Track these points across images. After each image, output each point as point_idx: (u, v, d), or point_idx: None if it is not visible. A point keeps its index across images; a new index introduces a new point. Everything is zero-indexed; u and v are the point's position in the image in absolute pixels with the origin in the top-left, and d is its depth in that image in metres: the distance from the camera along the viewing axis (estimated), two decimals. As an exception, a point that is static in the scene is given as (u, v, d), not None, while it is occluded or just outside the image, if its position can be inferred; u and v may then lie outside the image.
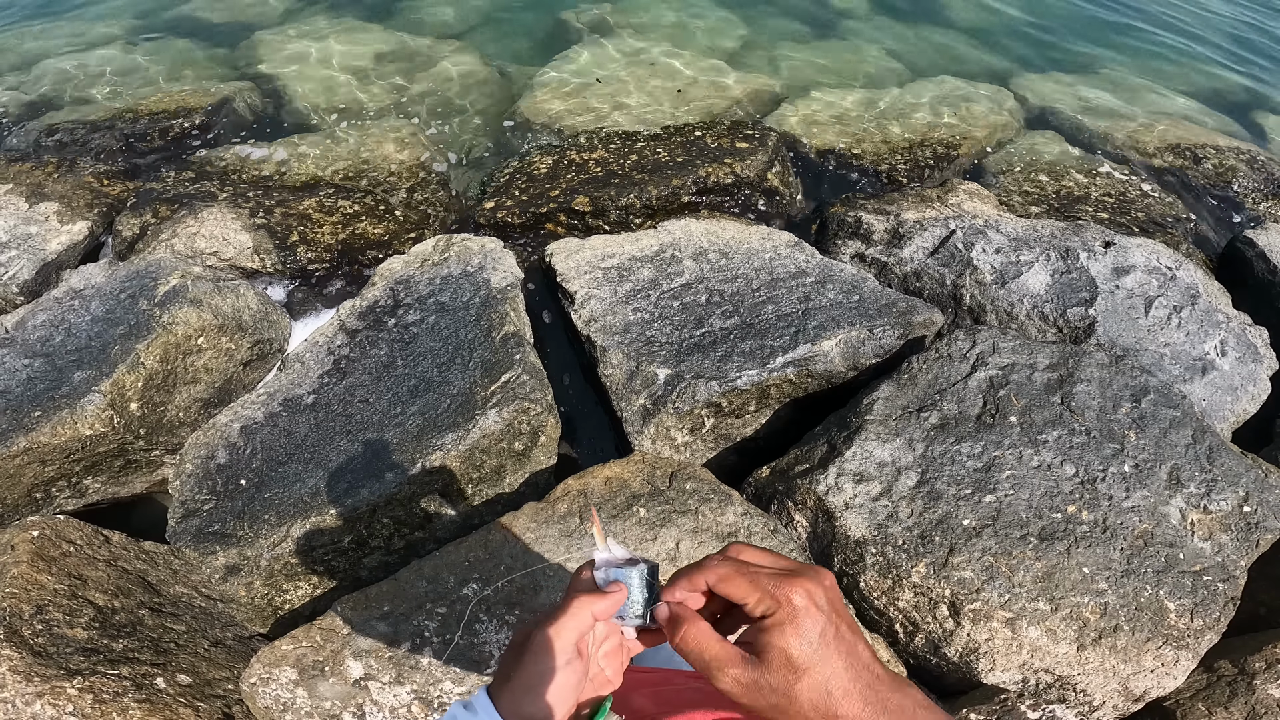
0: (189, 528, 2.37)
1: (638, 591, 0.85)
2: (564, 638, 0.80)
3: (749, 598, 0.72)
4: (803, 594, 0.70)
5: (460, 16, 6.09)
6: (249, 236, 3.68)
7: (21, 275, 3.53)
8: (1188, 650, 2.15)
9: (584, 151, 4.32)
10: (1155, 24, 7.37)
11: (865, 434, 2.49)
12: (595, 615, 0.82)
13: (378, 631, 2.04)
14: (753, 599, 0.71)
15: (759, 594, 0.71)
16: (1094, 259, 3.37)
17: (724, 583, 0.73)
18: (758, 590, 0.72)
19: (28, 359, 2.85)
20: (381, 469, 2.43)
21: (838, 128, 4.86)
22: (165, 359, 2.83)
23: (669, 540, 2.26)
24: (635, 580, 0.85)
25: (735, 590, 0.73)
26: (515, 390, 2.56)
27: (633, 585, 0.85)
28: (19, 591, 2.05)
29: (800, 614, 0.69)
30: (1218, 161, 5.10)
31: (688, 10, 6.37)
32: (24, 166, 4.17)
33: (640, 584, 0.86)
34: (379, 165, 4.31)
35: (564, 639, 0.80)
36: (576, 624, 0.81)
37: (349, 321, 3.05)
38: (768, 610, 0.70)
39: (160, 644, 2.14)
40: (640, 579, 0.86)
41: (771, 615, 0.70)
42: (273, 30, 5.75)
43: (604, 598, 0.82)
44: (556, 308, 3.31)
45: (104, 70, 5.28)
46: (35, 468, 2.59)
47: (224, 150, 4.40)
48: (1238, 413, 3.08)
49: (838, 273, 3.19)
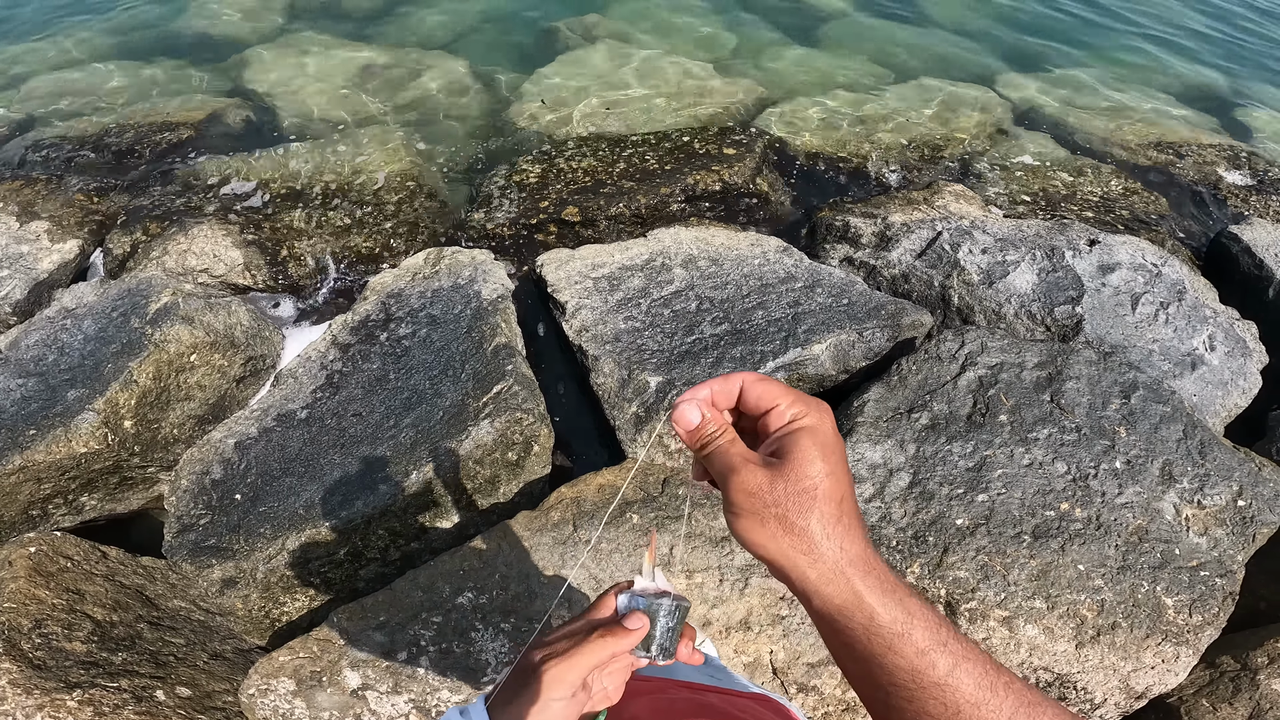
0: (185, 542, 2.38)
1: (662, 627, 0.81)
2: (575, 674, 0.78)
3: (783, 399, 0.70)
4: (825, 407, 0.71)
5: (446, 27, 6.12)
6: (239, 252, 3.69)
7: (13, 295, 3.53)
8: (1188, 646, 2.15)
9: (572, 160, 4.34)
10: (1134, 24, 7.45)
11: (856, 436, 2.51)
12: (615, 654, 0.79)
13: (374, 641, 2.04)
14: (786, 400, 0.70)
15: (794, 395, 0.71)
16: (1079, 257, 3.40)
17: (761, 383, 0.72)
18: (793, 393, 0.71)
19: (21, 378, 2.85)
20: (376, 481, 2.44)
21: (824, 131, 4.89)
22: (158, 376, 2.83)
23: (662, 545, 2.27)
24: (662, 616, 0.81)
25: (771, 390, 0.71)
26: (507, 401, 2.57)
27: (659, 620, 0.81)
28: (17, 606, 2.05)
29: (830, 417, 0.70)
30: (1199, 158, 5.15)
31: (673, 17, 6.42)
32: (13, 184, 4.17)
33: (667, 620, 0.81)
34: (368, 178, 4.32)
35: (575, 675, 0.78)
36: (591, 662, 0.79)
37: (341, 336, 3.06)
38: (798, 414, 0.69)
39: (159, 657, 2.14)
40: (668, 615, 0.81)
41: (801, 418, 0.69)
42: (260, 44, 5.77)
43: (625, 637, 0.79)
44: (548, 318, 3.32)
45: (91, 86, 5.29)
46: (31, 485, 2.59)
47: (212, 165, 4.40)
48: (1229, 407, 3.09)
49: (826, 277, 3.21)
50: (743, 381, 0.73)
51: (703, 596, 2.25)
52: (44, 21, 6.37)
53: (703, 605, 2.25)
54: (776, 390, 0.71)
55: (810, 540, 0.65)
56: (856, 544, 0.65)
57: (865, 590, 0.64)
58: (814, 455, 0.66)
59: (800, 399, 0.70)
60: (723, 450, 0.70)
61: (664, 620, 0.81)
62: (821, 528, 0.65)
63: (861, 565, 0.65)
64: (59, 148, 4.58)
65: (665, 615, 0.81)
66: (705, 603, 2.24)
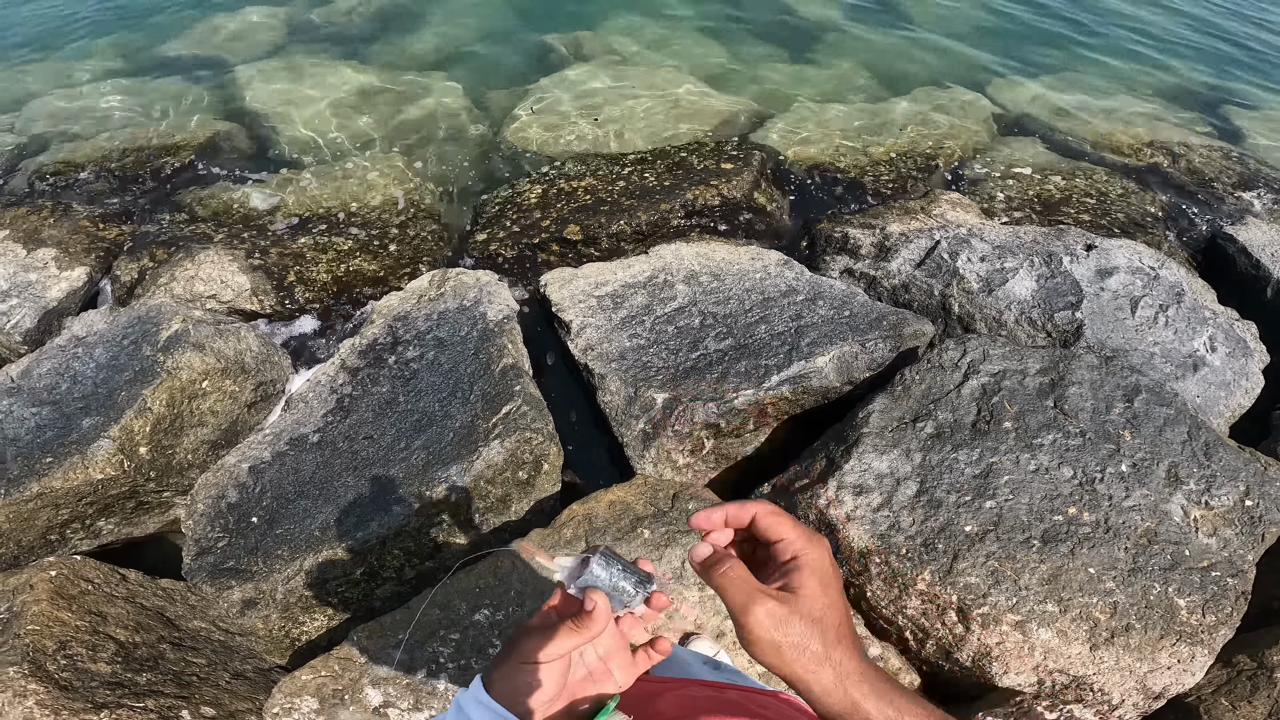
0: (204, 564, 2.42)
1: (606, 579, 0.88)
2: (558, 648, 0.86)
3: (790, 534, 0.82)
4: (825, 542, 0.83)
5: (441, 48, 6.19)
6: (246, 278, 3.73)
7: (24, 324, 3.57)
8: (1203, 646, 2.17)
9: (572, 179, 4.39)
10: (1122, 28, 7.53)
11: (863, 446, 2.54)
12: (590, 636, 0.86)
13: (394, 659, 2.07)
14: (792, 534, 0.82)
15: (799, 532, 0.82)
16: (1077, 262, 3.44)
17: (772, 514, 0.83)
18: (799, 529, 0.82)
19: (35, 407, 2.89)
20: (389, 502, 2.47)
21: (820, 143, 4.94)
22: (171, 403, 2.87)
23: (674, 560, 2.30)
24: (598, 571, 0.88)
25: (780, 525, 0.83)
26: (516, 421, 2.60)
27: (600, 576, 0.88)
28: (41, 628, 2.08)
29: (829, 553, 0.82)
30: (1193, 159, 5.20)
31: (665, 33, 6.49)
32: (20, 211, 4.21)
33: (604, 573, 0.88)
34: (370, 201, 4.37)
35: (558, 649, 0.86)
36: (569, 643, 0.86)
37: (350, 360, 3.09)
38: (801, 550, 0.81)
39: (183, 677, 2.17)
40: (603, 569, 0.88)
41: (805, 554, 0.81)
42: (259, 67, 5.83)
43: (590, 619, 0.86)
44: (554, 337, 3.36)
45: (93, 110, 5.33)
46: (49, 511, 2.63)
47: (216, 189, 4.44)
48: (1233, 407, 3.11)
49: (828, 289, 3.25)
50: (756, 512, 0.84)
51: (715, 609, 2.28)
52: (42, 42, 6.41)
53: (715, 617, 2.27)
54: (785, 525, 0.83)
55: (817, 660, 0.77)
56: (853, 660, 0.78)
57: (860, 697, 0.76)
58: (817, 590, 0.79)
59: (804, 535, 0.82)
60: (737, 584, 0.80)
61: (603, 574, 0.88)
62: (824, 650, 0.77)
63: (857, 676, 0.77)
64: (63, 173, 4.61)
65: (601, 569, 0.88)
66: (719, 614, 2.26)
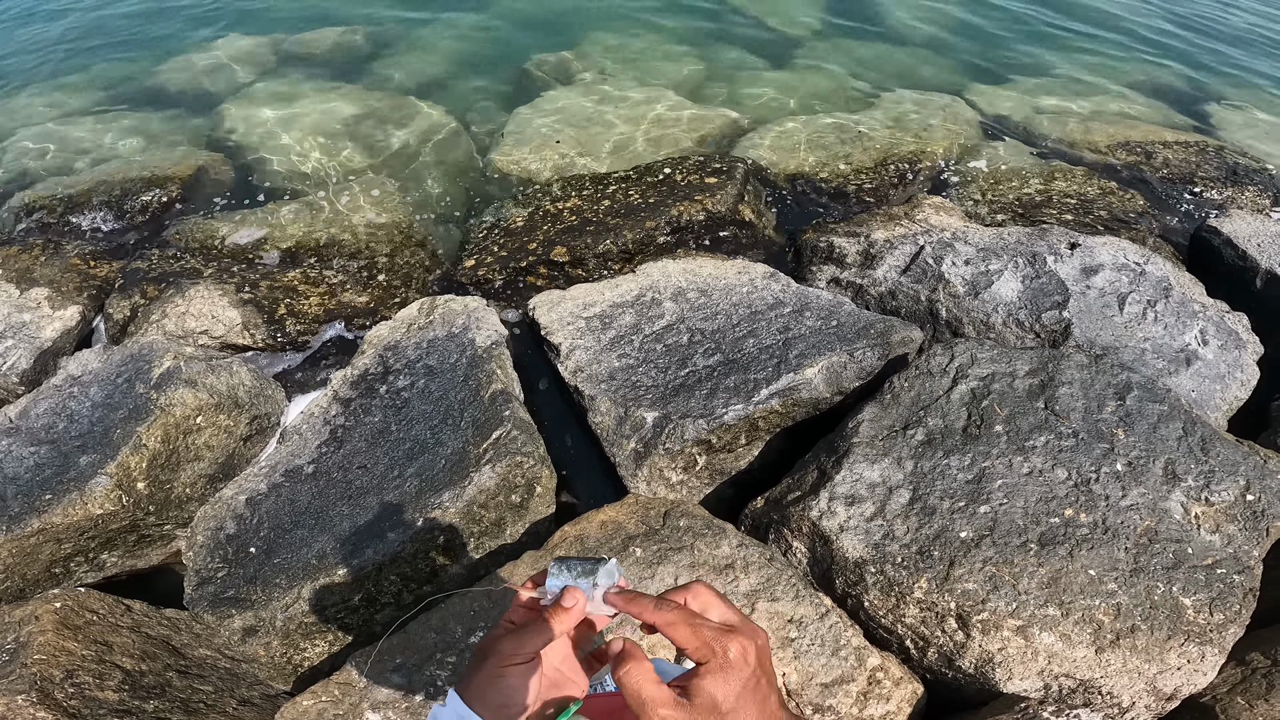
0: (205, 594, 2.46)
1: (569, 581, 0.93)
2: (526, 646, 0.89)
3: (688, 644, 0.80)
4: (737, 648, 0.80)
5: (423, 74, 6.23)
6: (237, 313, 3.74)
7: (20, 365, 3.58)
8: (1213, 645, 2.13)
9: (558, 201, 4.41)
10: (1095, 27, 7.60)
11: (853, 456, 2.54)
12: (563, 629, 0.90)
13: (393, 683, 2.10)
14: (691, 646, 0.80)
15: (698, 643, 0.80)
16: (1061, 261, 3.45)
17: (669, 628, 0.82)
18: (698, 639, 0.80)
19: (34, 446, 2.91)
20: (384, 529, 2.49)
21: (803, 153, 4.98)
22: (166, 439, 2.89)
23: (667, 576, 2.30)
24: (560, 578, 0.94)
25: (678, 636, 0.81)
26: (507, 446, 2.62)
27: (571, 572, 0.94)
28: (47, 658, 2.09)
29: (731, 666, 0.79)
30: (1171, 154, 5.23)
31: (645, 49, 6.55)
32: (10, 250, 4.23)
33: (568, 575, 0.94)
34: (358, 230, 4.39)
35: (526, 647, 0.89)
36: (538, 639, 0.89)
37: (342, 391, 3.11)
38: (703, 659, 0.80)
39: (190, 704, 2.20)
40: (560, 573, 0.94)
41: (706, 664, 0.79)
42: (243, 97, 5.86)
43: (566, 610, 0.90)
44: (543, 360, 3.37)
45: (79, 144, 5.33)
46: (51, 545, 2.67)
47: (204, 223, 4.45)
48: (1229, 400, 3.08)
49: (814, 299, 3.26)
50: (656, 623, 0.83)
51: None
52: (24, 74, 6.43)
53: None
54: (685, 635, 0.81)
55: None
56: None
57: None
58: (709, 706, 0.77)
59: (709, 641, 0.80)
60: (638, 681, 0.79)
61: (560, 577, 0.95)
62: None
63: None
64: (50, 209, 4.58)
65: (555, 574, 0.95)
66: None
